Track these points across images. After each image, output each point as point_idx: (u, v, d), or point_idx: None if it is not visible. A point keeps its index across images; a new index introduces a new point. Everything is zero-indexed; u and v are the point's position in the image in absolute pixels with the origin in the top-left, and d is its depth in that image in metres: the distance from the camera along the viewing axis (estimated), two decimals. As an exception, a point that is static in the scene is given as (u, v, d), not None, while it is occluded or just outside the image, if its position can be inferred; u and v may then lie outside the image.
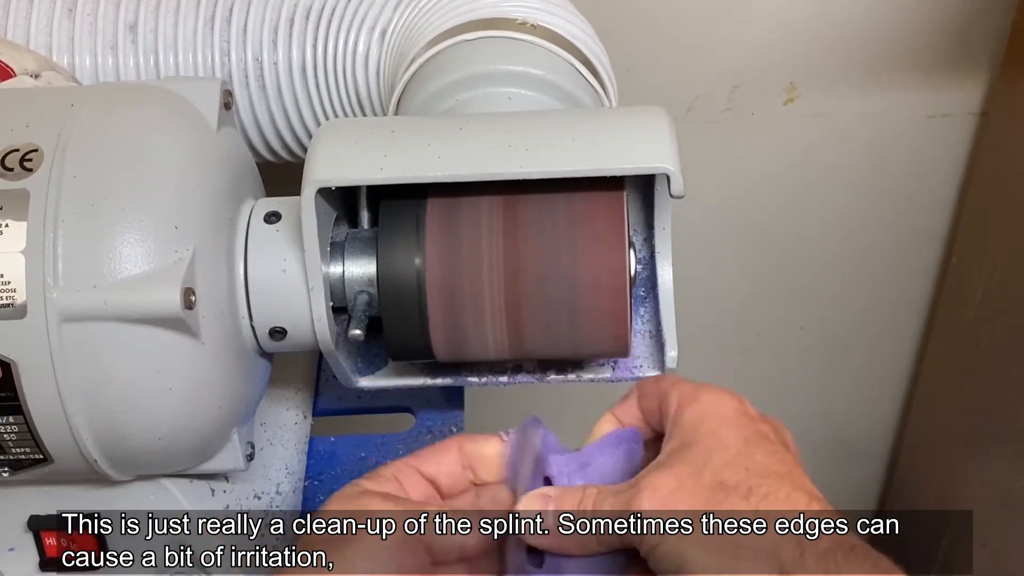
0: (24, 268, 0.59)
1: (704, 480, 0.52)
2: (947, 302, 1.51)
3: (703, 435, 0.54)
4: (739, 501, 0.51)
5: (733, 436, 0.53)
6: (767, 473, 0.52)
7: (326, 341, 0.65)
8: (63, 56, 0.85)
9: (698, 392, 0.56)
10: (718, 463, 0.52)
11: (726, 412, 0.55)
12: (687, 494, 0.51)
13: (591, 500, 0.54)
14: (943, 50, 1.29)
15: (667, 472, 0.53)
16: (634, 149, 0.61)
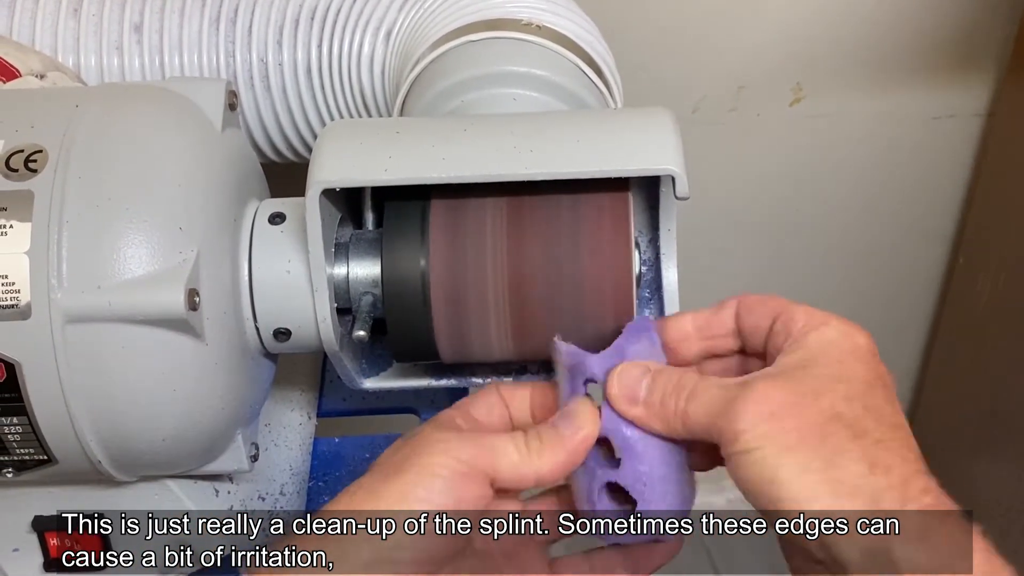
0: (28, 269, 0.59)
1: (820, 405, 0.51)
2: (953, 303, 1.50)
3: (830, 360, 0.53)
4: (851, 438, 0.50)
5: (860, 371, 0.53)
6: (883, 419, 0.51)
7: (330, 342, 0.65)
8: (68, 56, 0.85)
9: (828, 318, 0.55)
10: (839, 393, 0.51)
11: (858, 345, 0.54)
12: (798, 413, 0.51)
13: (692, 383, 0.54)
14: (949, 51, 1.29)
15: (781, 384, 0.52)
16: (639, 150, 0.61)
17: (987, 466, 1.40)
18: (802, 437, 0.50)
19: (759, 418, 0.51)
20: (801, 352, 0.54)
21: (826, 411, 0.51)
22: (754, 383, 0.52)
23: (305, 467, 0.85)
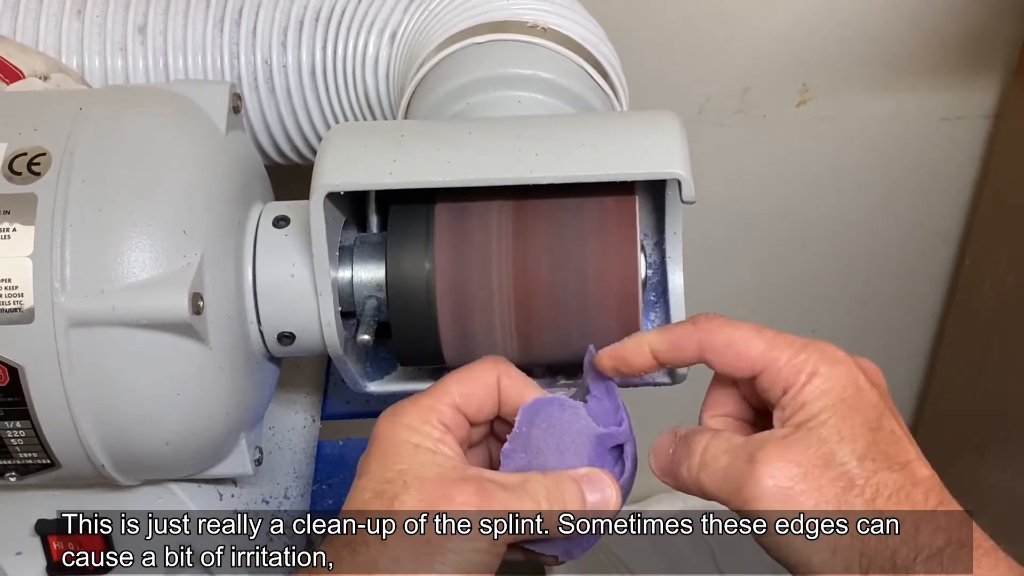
0: (32, 273, 0.59)
1: (831, 474, 0.52)
2: (959, 305, 1.50)
3: (830, 421, 0.53)
4: (865, 504, 0.51)
5: (859, 424, 0.53)
6: (892, 465, 0.53)
7: (335, 346, 0.64)
8: (72, 58, 0.85)
9: (816, 364, 0.55)
10: (846, 455, 0.52)
11: (847, 390, 0.54)
12: (813, 489, 0.52)
13: (700, 447, 0.55)
14: (956, 53, 1.28)
15: (790, 457, 0.52)
16: (645, 154, 0.61)
17: (994, 467, 1.40)
18: (818, 518, 0.51)
19: (774, 499, 0.52)
20: (800, 414, 0.54)
21: (838, 479, 0.52)
22: (760, 458, 0.53)
23: (309, 470, 0.85)
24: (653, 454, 0.58)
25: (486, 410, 0.59)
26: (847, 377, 0.55)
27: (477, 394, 0.59)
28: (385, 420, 0.57)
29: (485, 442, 0.62)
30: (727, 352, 0.56)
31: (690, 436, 0.57)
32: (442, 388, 0.58)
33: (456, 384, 0.59)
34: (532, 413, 0.59)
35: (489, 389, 0.59)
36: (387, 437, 0.56)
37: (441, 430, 0.57)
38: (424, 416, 0.57)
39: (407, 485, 0.54)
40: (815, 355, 0.55)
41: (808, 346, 0.55)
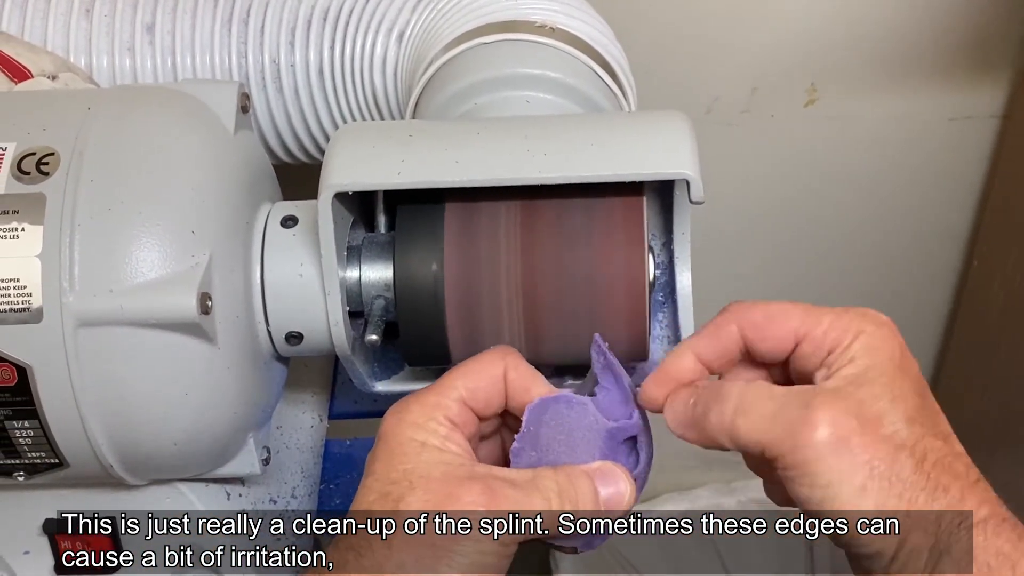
0: (40, 272, 0.59)
1: (885, 431, 0.52)
2: (968, 305, 1.50)
3: (881, 377, 0.53)
4: (914, 468, 0.51)
5: (907, 386, 0.53)
6: (937, 433, 0.53)
7: (342, 346, 0.64)
8: (80, 57, 0.85)
9: (860, 323, 0.54)
10: (900, 415, 0.52)
11: (895, 354, 0.54)
12: (867, 444, 0.51)
13: (736, 392, 0.54)
14: (965, 52, 1.28)
15: (844, 407, 0.52)
16: (654, 154, 0.61)
17: (1003, 467, 1.39)
18: (873, 472, 0.51)
19: (829, 448, 0.51)
20: (849, 369, 0.54)
21: (891, 439, 0.52)
22: (817, 404, 0.52)
23: (317, 470, 0.85)
24: (670, 408, 0.56)
25: (494, 404, 0.59)
26: (894, 339, 0.55)
27: (484, 388, 0.58)
28: (390, 418, 0.57)
29: (498, 434, 0.62)
30: (767, 325, 0.56)
31: (718, 385, 0.55)
32: (448, 383, 0.58)
33: (462, 378, 0.58)
34: (539, 412, 0.59)
35: (496, 382, 0.58)
36: (392, 435, 0.56)
37: (448, 427, 0.56)
38: (429, 413, 0.56)
39: (413, 485, 0.54)
40: (858, 317, 0.55)
41: (849, 310, 0.55)
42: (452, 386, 0.58)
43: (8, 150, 0.62)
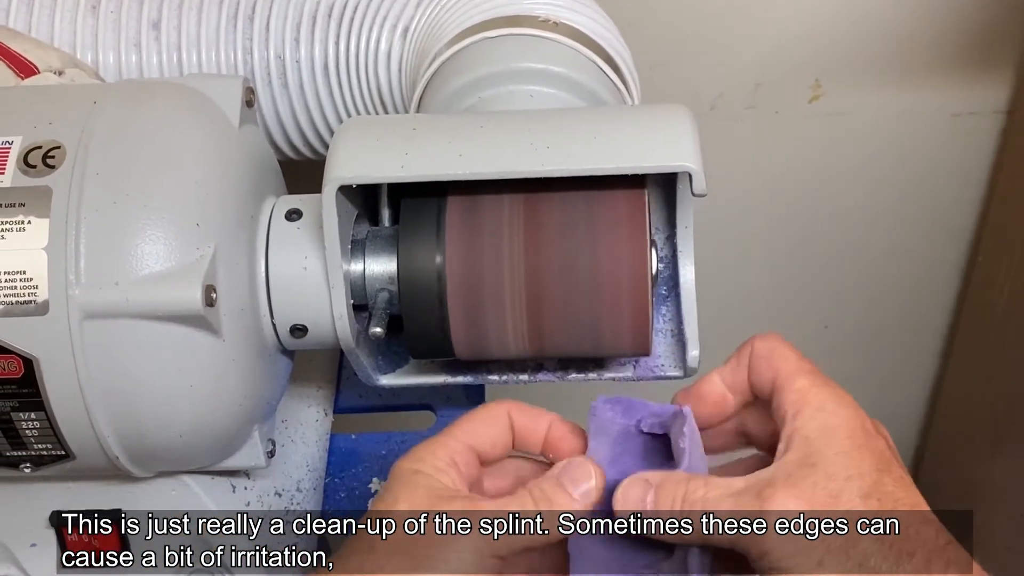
0: (46, 265, 0.59)
1: (839, 509, 0.52)
2: (973, 301, 1.50)
3: (835, 456, 0.53)
4: (873, 538, 0.51)
5: (866, 462, 0.53)
6: (897, 504, 0.53)
7: (347, 339, 0.65)
8: (87, 53, 0.85)
9: (821, 400, 0.55)
10: (854, 492, 0.52)
11: (854, 429, 0.54)
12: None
13: (701, 496, 0.53)
14: (969, 48, 1.28)
15: (797, 494, 0.52)
16: (656, 147, 0.61)
17: (1007, 465, 1.39)
18: (829, 548, 0.51)
19: (785, 536, 0.51)
20: (805, 449, 0.54)
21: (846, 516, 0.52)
22: (770, 494, 0.52)
23: (322, 463, 0.86)
24: (621, 502, 0.55)
25: (500, 443, 0.58)
26: (854, 417, 0.55)
27: (487, 428, 0.58)
28: (399, 459, 0.57)
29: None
30: (763, 362, 0.57)
31: (675, 482, 0.54)
32: (451, 428, 0.58)
33: (465, 422, 0.58)
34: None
35: (499, 420, 0.58)
36: (393, 470, 0.56)
37: (445, 462, 0.56)
38: (431, 450, 0.57)
39: (397, 499, 0.54)
40: (825, 393, 0.55)
41: (822, 385, 0.56)
42: (457, 427, 0.58)
43: (14, 144, 0.62)
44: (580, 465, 0.55)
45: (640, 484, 0.54)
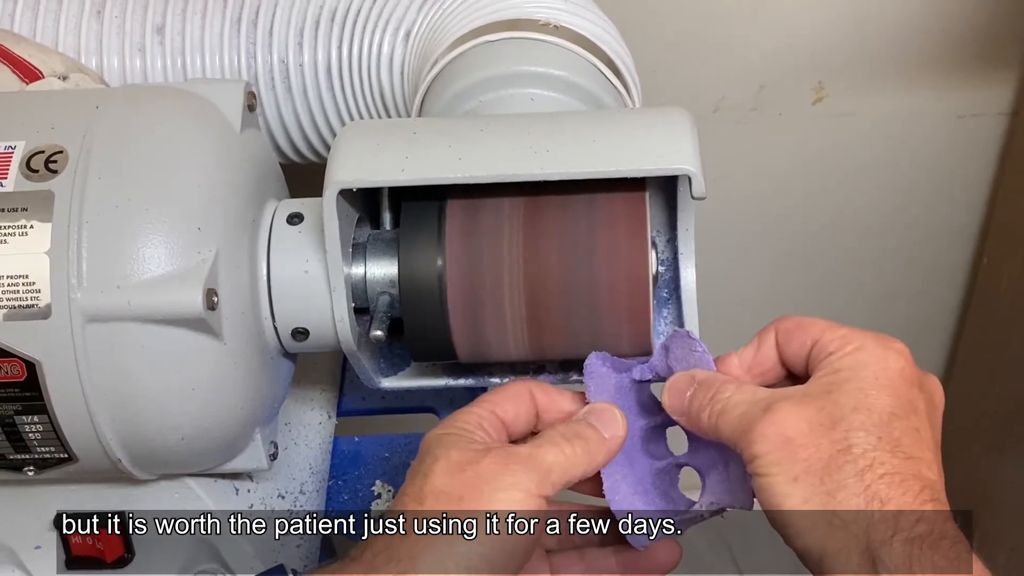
0: (48, 269, 0.60)
1: (834, 435, 0.53)
2: (978, 302, 1.49)
3: (855, 388, 0.54)
4: (855, 473, 0.52)
5: (883, 401, 0.54)
6: (896, 451, 0.53)
7: (348, 342, 0.65)
8: (91, 58, 0.85)
9: (864, 340, 0.56)
10: (855, 423, 0.53)
11: (888, 371, 0.55)
12: (810, 443, 0.53)
13: (725, 396, 0.56)
14: (973, 50, 1.28)
15: (800, 410, 0.54)
16: (655, 150, 0.61)
17: (1012, 464, 1.39)
18: (809, 468, 0.53)
19: (774, 445, 0.53)
20: (830, 377, 0.55)
21: (838, 442, 0.53)
22: (776, 407, 0.54)
23: (325, 466, 0.86)
24: (668, 393, 0.59)
25: (522, 417, 0.60)
26: (895, 361, 0.55)
27: (511, 401, 0.60)
28: (428, 432, 0.59)
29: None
30: (794, 331, 0.58)
31: (714, 383, 0.58)
32: (478, 399, 0.60)
33: (491, 395, 0.60)
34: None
35: (521, 395, 0.60)
36: (425, 441, 0.58)
37: (475, 425, 0.58)
38: (459, 416, 0.59)
39: (436, 458, 0.56)
40: (869, 336, 0.56)
41: (867, 332, 0.56)
42: (481, 399, 0.60)
43: (17, 148, 0.62)
44: (607, 411, 0.59)
45: (687, 379, 0.59)
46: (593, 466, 0.58)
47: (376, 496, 0.85)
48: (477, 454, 0.55)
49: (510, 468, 0.55)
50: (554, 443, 0.57)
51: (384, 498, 0.85)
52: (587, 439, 0.58)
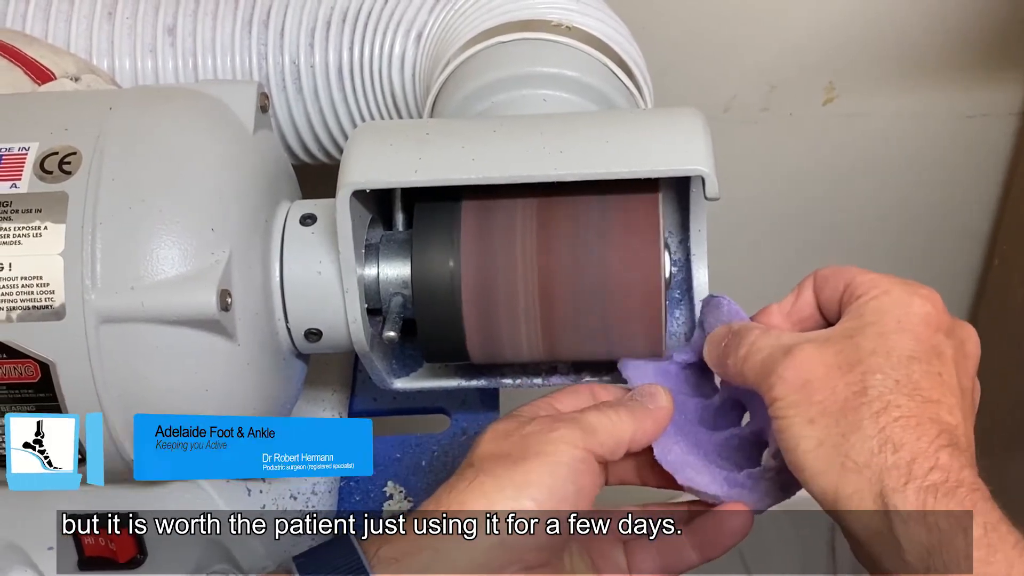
0: (62, 270, 0.60)
1: (850, 377, 0.53)
2: (989, 304, 1.49)
3: (876, 331, 0.55)
4: (870, 415, 0.52)
5: (902, 344, 0.54)
6: (914, 394, 0.53)
7: (361, 343, 0.65)
8: (103, 59, 0.86)
9: (892, 285, 0.56)
10: (871, 365, 0.53)
11: (910, 316, 0.55)
12: (827, 385, 0.53)
13: (751, 340, 0.58)
14: (983, 49, 1.28)
15: (820, 353, 0.54)
16: (668, 151, 0.61)
17: (1022, 466, 1.39)
18: (825, 410, 0.53)
19: (792, 388, 0.54)
20: (853, 321, 0.56)
21: (853, 384, 0.53)
22: (797, 349, 0.55)
23: (337, 467, 0.86)
24: (708, 346, 0.61)
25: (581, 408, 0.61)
26: (919, 307, 0.55)
27: (571, 396, 0.62)
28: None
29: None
30: (830, 277, 0.60)
31: (742, 331, 0.59)
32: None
33: (553, 393, 0.62)
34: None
35: (582, 393, 0.62)
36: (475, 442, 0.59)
37: (529, 413, 0.59)
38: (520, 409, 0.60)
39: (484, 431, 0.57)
40: (897, 282, 0.57)
41: (896, 278, 0.57)
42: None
43: (31, 150, 0.62)
44: (651, 388, 0.60)
45: (724, 330, 0.61)
46: (641, 432, 0.58)
47: (388, 497, 0.85)
48: (522, 423, 0.57)
49: (555, 426, 0.56)
50: (599, 410, 0.58)
51: (396, 499, 0.85)
52: (632, 408, 0.59)
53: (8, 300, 0.60)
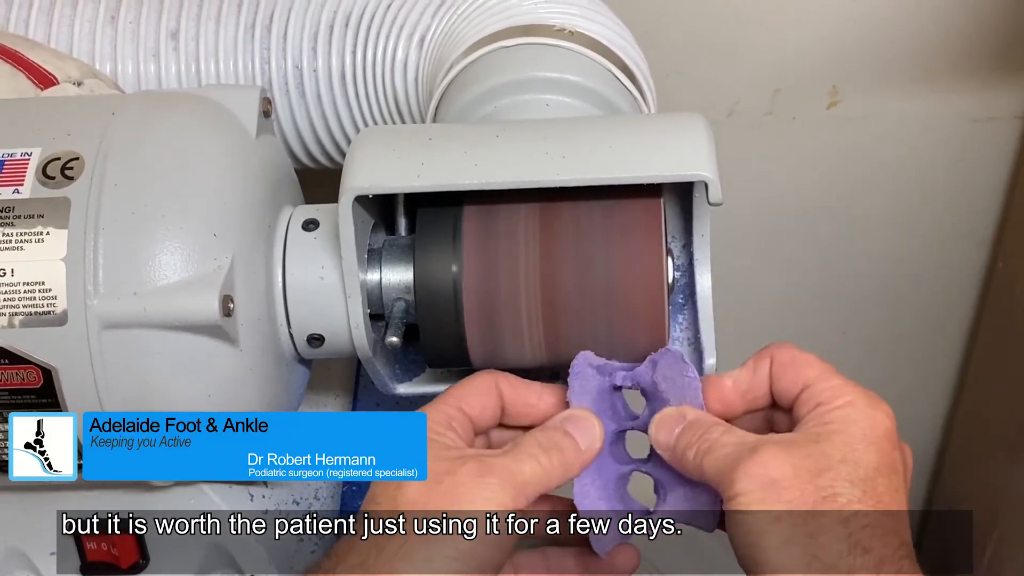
0: (65, 276, 0.60)
1: (820, 481, 0.54)
2: (993, 308, 1.49)
3: (843, 442, 0.55)
4: (840, 520, 0.53)
5: (871, 457, 0.55)
6: (878, 505, 0.54)
7: (363, 348, 0.65)
8: (106, 64, 0.86)
9: (855, 397, 0.57)
10: (842, 474, 0.54)
11: (875, 429, 0.56)
12: (795, 486, 0.54)
13: (713, 437, 0.57)
14: (988, 53, 1.27)
15: (787, 455, 0.55)
16: (671, 156, 0.61)
17: (1027, 472, 1.39)
18: (793, 510, 0.53)
19: (758, 484, 0.54)
20: (818, 428, 0.56)
21: (823, 489, 0.54)
22: (763, 448, 0.55)
23: (339, 472, 0.86)
24: (656, 427, 0.60)
25: (489, 410, 0.61)
26: (883, 424, 0.56)
27: (477, 395, 0.61)
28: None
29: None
30: (789, 366, 0.59)
31: (703, 424, 0.58)
32: (443, 394, 0.61)
33: (456, 389, 0.61)
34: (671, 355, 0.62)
35: (487, 389, 0.61)
36: None
37: (444, 424, 0.59)
38: (428, 414, 0.59)
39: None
40: (862, 394, 0.57)
41: (858, 387, 0.57)
42: (448, 394, 0.61)
43: (33, 155, 0.62)
44: (586, 419, 0.60)
45: (676, 415, 0.60)
46: (568, 477, 0.59)
47: (390, 502, 0.85)
48: (453, 463, 0.56)
49: (486, 481, 0.55)
50: (531, 454, 0.57)
51: (398, 504, 0.85)
52: (564, 450, 0.58)
53: (10, 306, 0.60)
